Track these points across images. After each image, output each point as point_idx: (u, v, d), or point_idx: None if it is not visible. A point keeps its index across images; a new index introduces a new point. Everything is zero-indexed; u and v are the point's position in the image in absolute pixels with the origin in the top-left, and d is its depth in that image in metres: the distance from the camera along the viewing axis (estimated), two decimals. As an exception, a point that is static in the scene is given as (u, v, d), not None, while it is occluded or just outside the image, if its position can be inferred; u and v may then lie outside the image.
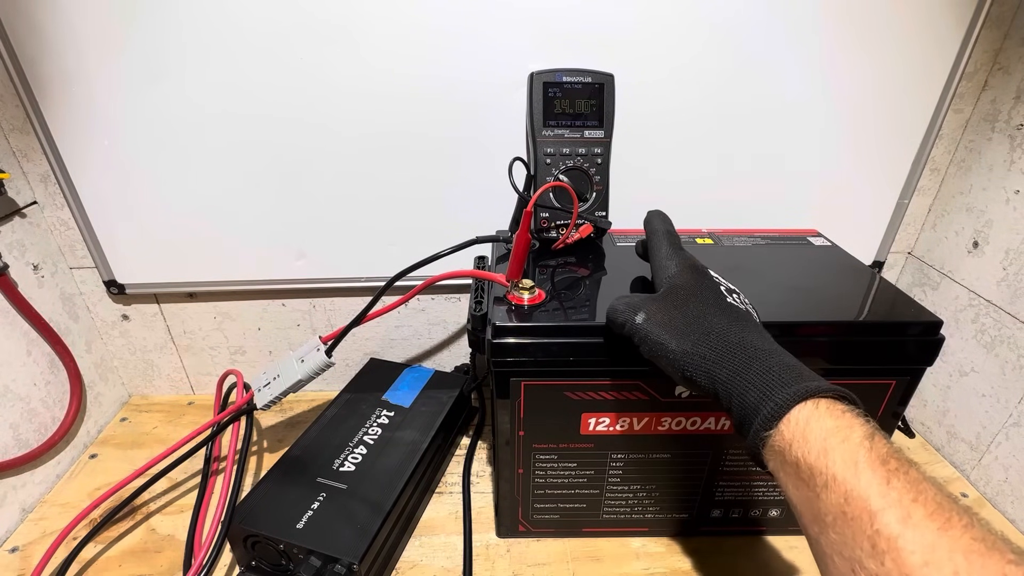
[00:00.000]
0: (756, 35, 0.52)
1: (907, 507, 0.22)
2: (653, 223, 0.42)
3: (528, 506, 0.49)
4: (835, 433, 0.25)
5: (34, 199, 0.58)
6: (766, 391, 0.28)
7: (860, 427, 0.25)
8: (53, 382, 0.59)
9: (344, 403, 0.59)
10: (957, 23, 0.52)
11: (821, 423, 0.26)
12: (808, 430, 0.26)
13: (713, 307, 0.33)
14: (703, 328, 0.32)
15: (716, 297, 0.34)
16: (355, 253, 0.62)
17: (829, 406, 0.26)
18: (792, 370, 0.28)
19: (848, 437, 0.25)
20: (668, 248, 0.38)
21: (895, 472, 0.23)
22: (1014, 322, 0.53)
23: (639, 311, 0.34)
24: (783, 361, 0.29)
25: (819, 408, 0.26)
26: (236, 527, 0.45)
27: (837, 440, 0.25)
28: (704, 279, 0.35)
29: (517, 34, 0.51)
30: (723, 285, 0.36)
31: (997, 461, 0.56)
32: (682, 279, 0.35)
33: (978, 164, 0.58)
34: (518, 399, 0.43)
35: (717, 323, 0.32)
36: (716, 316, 0.32)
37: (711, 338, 0.31)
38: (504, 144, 0.55)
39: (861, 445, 0.24)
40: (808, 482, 0.25)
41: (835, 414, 0.26)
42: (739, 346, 0.30)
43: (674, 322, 0.32)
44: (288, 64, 0.52)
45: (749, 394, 0.28)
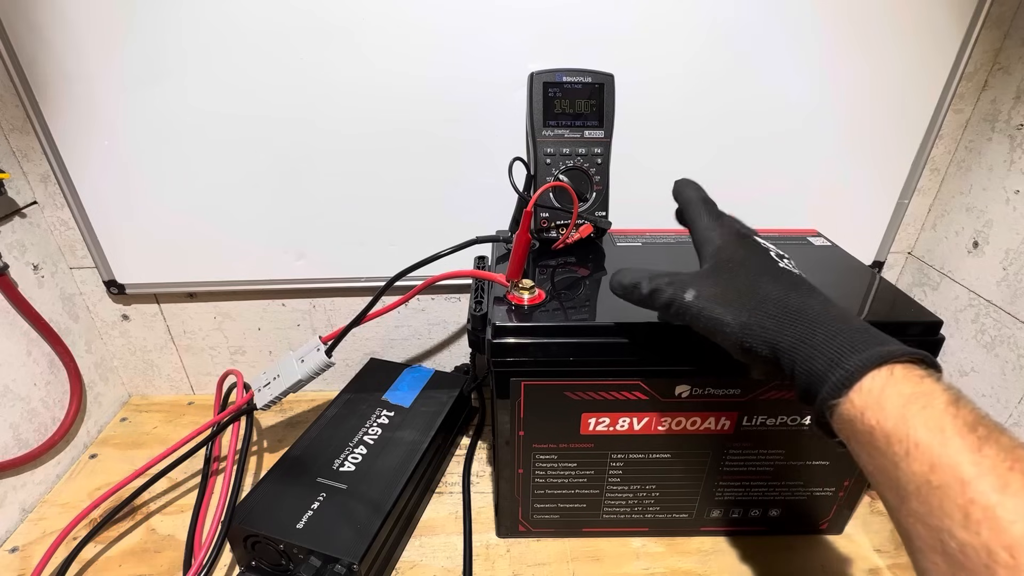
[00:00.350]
0: (756, 35, 0.52)
1: (1004, 475, 0.20)
2: (686, 192, 0.38)
3: (528, 506, 0.49)
4: (915, 400, 0.23)
5: (34, 199, 0.58)
6: (834, 357, 0.26)
7: (942, 392, 0.24)
8: (53, 382, 0.59)
9: (344, 403, 0.59)
10: (957, 23, 0.52)
11: (898, 389, 0.24)
12: (884, 397, 0.24)
13: (766, 274, 0.31)
14: (759, 296, 0.30)
15: (768, 263, 0.32)
16: (355, 253, 0.62)
17: (906, 371, 0.25)
18: (862, 333, 0.27)
19: (930, 403, 0.23)
20: (708, 218, 0.35)
21: (986, 439, 0.22)
22: (1014, 322, 0.53)
23: (688, 288, 0.32)
24: (852, 324, 0.27)
25: (894, 374, 0.25)
26: (236, 527, 0.45)
27: (918, 407, 0.23)
28: (753, 245, 0.33)
29: (517, 34, 0.51)
30: (772, 250, 0.33)
31: (997, 461, 0.56)
32: (729, 249, 0.33)
33: (978, 164, 0.58)
34: (518, 399, 0.43)
35: (773, 290, 0.30)
36: (771, 283, 0.30)
37: (768, 305, 0.29)
38: (504, 144, 0.55)
39: (946, 411, 0.23)
40: (885, 451, 0.24)
41: (913, 379, 0.24)
42: (800, 312, 0.28)
43: (727, 295, 0.31)
44: (288, 64, 0.52)
45: (816, 361, 0.27)
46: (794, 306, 0.29)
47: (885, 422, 0.24)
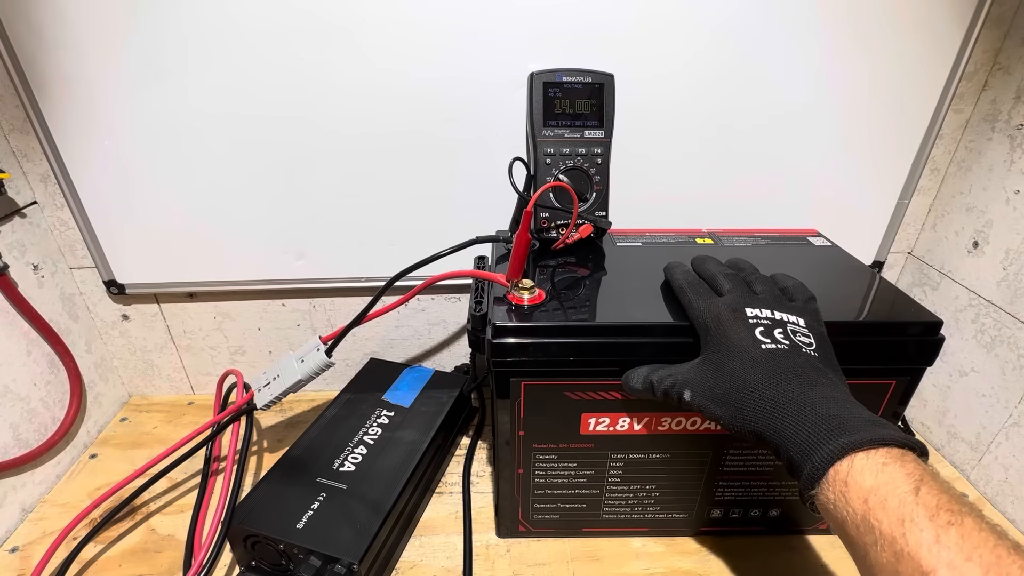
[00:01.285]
0: (756, 35, 0.52)
1: (960, 567, 0.21)
2: (675, 278, 0.41)
3: (528, 506, 0.49)
4: (876, 491, 0.25)
5: (34, 199, 0.58)
6: (803, 452, 0.28)
7: (904, 480, 0.25)
8: (53, 382, 0.59)
9: (344, 403, 0.59)
10: (957, 23, 0.52)
11: (861, 481, 0.25)
12: (848, 491, 0.26)
13: (748, 361, 0.33)
14: (741, 389, 0.32)
15: (751, 347, 0.33)
16: (355, 253, 0.62)
17: (866, 460, 0.26)
18: (827, 422, 0.28)
19: (892, 493, 0.24)
20: (698, 302, 0.37)
21: (945, 527, 0.23)
22: (1014, 322, 0.53)
23: (686, 388, 0.35)
24: (819, 412, 0.29)
25: (855, 465, 0.26)
26: (236, 527, 0.45)
27: (878, 499, 0.25)
28: (737, 329, 0.34)
29: (517, 34, 0.51)
30: (760, 325, 0.34)
31: (997, 461, 0.56)
32: (716, 336, 0.35)
33: (978, 164, 0.58)
34: (518, 399, 0.43)
35: (753, 379, 0.32)
36: (752, 371, 0.32)
37: (749, 398, 0.31)
38: (504, 144, 0.55)
39: (904, 501, 0.24)
40: (857, 540, 0.25)
41: (874, 470, 0.25)
42: (775, 402, 0.30)
43: (716, 390, 0.33)
44: (288, 64, 0.52)
45: (791, 452, 0.29)
46: (770, 397, 0.31)
47: (854, 515, 0.25)
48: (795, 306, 0.38)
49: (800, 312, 0.37)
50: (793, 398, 0.30)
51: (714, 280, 0.39)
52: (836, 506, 0.26)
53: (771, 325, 0.35)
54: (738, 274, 0.40)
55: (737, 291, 0.37)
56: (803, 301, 0.38)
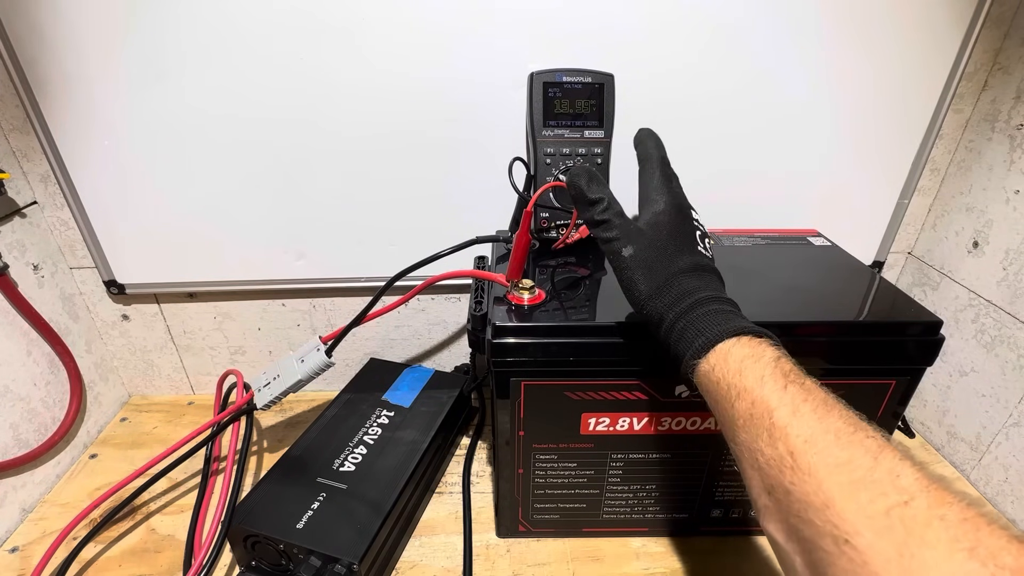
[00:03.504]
0: (756, 35, 0.52)
1: (797, 405, 0.28)
2: (647, 147, 0.41)
3: (528, 506, 0.49)
4: (748, 357, 0.31)
5: (34, 199, 0.58)
6: (700, 330, 0.33)
7: (769, 352, 0.31)
8: (53, 382, 0.59)
9: (344, 403, 0.59)
10: (957, 23, 0.52)
11: (740, 351, 0.31)
12: (729, 356, 0.32)
13: (685, 252, 0.36)
14: (669, 272, 0.36)
15: (690, 242, 0.37)
16: (355, 253, 0.62)
17: (749, 340, 0.32)
18: (723, 315, 0.34)
19: (759, 360, 0.30)
20: (660, 180, 0.39)
21: (792, 382, 0.29)
22: (1014, 322, 0.53)
23: (629, 243, 0.36)
24: (719, 308, 0.34)
25: (740, 341, 0.32)
26: (236, 527, 0.45)
27: (750, 362, 0.31)
28: (685, 222, 0.38)
29: (517, 34, 0.51)
30: (699, 230, 0.39)
31: (997, 461, 0.56)
32: (666, 217, 0.37)
33: (978, 164, 0.58)
34: (518, 399, 0.43)
35: (682, 267, 0.36)
36: (684, 261, 0.36)
37: (673, 285, 0.35)
38: (504, 144, 0.55)
39: (767, 365, 0.30)
40: (726, 395, 0.31)
41: (752, 344, 0.32)
42: (691, 294, 0.35)
43: (649, 263, 0.36)
44: (288, 65, 0.52)
45: (687, 331, 0.34)
46: (689, 288, 0.35)
47: (728, 375, 0.31)
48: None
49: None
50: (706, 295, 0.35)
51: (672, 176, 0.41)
52: (715, 368, 0.32)
53: (703, 234, 0.39)
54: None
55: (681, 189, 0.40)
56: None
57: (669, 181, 0.39)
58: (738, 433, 0.30)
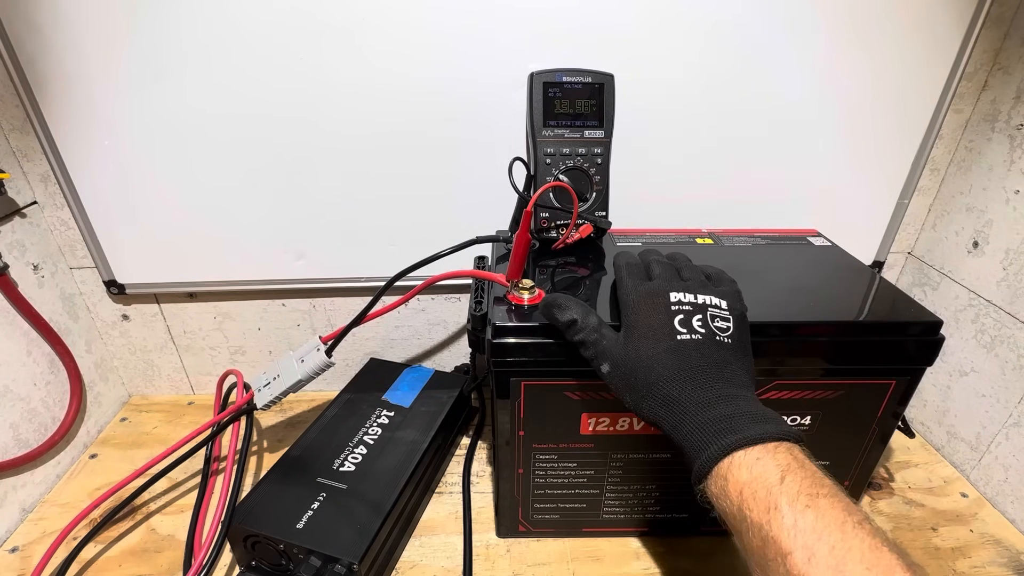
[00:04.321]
0: (756, 35, 0.52)
1: (812, 546, 0.25)
2: (617, 262, 0.42)
3: (528, 506, 0.49)
4: (749, 484, 0.28)
5: (34, 199, 0.58)
6: (694, 450, 0.31)
7: (772, 472, 0.28)
8: (53, 382, 0.59)
9: (344, 403, 0.59)
10: (957, 23, 0.52)
11: (738, 476, 0.29)
12: (727, 485, 0.29)
13: (661, 350, 0.34)
14: (651, 381, 0.34)
15: (666, 335, 0.35)
16: (355, 253, 0.62)
17: (744, 457, 0.29)
18: (716, 424, 0.31)
19: (760, 485, 0.28)
20: (628, 281, 0.38)
21: (803, 511, 0.26)
22: (1014, 322, 0.53)
23: (605, 360, 0.36)
24: (711, 415, 0.31)
25: (734, 462, 0.29)
26: (236, 527, 0.45)
27: (751, 491, 0.28)
28: (660, 311, 0.36)
29: (517, 34, 0.51)
30: (681, 312, 0.36)
31: (997, 461, 0.56)
32: (641, 315, 0.36)
33: (978, 164, 0.58)
34: (518, 399, 0.43)
35: (663, 372, 0.33)
36: (664, 363, 0.34)
37: (654, 391, 0.33)
38: (504, 144, 0.55)
39: (771, 491, 0.27)
40: (736, 527, 0.29)
41: (749, 464, 0.29)
42: (677, 401, 0.32)
43: (629, 376, 0.35)
44: (288, 64, 0.52)
45: (687, 449, 0.32)
46: (674, 394, 0.33)
47: (731, 507, 0.29)
48: (719, 290, 0.38)
49: (724, 295, 0.38)
50: (694, 398, 0.32)
51: (648, 266, 0.40)
52: (718, 499, 0.30)
53: (692, 311, 0.36)
54: (671, 263, 0.41)
55: (666, 274, 0.39)
56: (727, 284, 0.40)
57: (638, 278, 0.38)
58: (755, 571, 0.28)
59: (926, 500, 0.56)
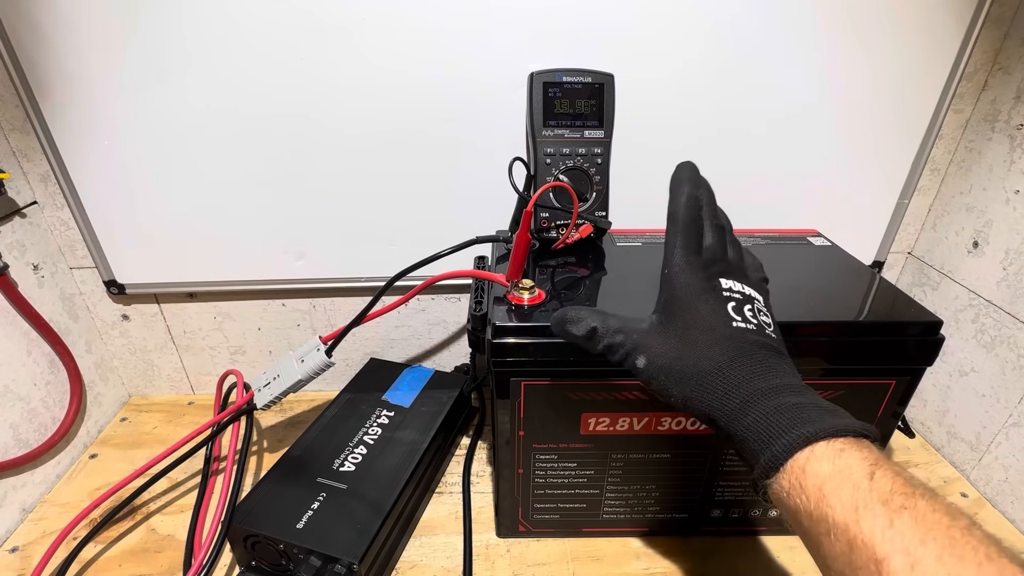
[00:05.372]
0: (756, 35, 0.52)
1: (914, 552, 0.21)
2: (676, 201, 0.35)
3: (528, 506, 0.49)
4: (832, 478, 0.24)
5: (34, 199, 0.58)
6: (763, 440, 0.27)
7: (859, 466, 0.24)
8: (53, 382, 0.59)
9: (344, 403, 0.59)
10: (957, 23, 0.52)
11: (817, 469, 0.25)
12: (804, 478, 0.25)
13: (716, 337, 0.31)
14: (703, 368, 0.30)
15: (721, 321, 0.31)
16: (355, 253, 0.62)
17: (826, 448, 0.26)
18: (788, 412, 0.27)
19: (846, 480, 0.24)
20: (682, 252, 0.33)
21: (899, 511, 0.22)
22: (1014, 322, 0.53)
23: (639, 353, 0.32)
24: (781, 403, 0.28)
25: (815, 453, 0.26)
26: (236, 527, 0.45)
27: (833, 485, 0.24)
28: (710, 297, 0.32)
29: (517, 34, 0.51)
30: (733, 299, 0.32)
31: (997, 461, 0.56)
32: (685, 300, 0.32)
33: (978, 164, 0.58)
34: (518, 399, 0.43)
35: (718, 358, 0.30)
36: (717, 349, 0.30)
37: (710, 379, 0.30)
38: (504, 144, 0.55)
39: (859, 487, 0.24)
40: (810, 530, 0.25)
41: (832, 456, 0.25)
42: (736, 388, 0.29)
43: (673, 365, 0.31)
44: (288, 64, 0.52)
45: (748, 441, 0.28)
46: (733, 380, 0.29)
47: (808, 503, 0.25)
48: (754, 282, 0.35)
49: (760, 290, 0.35)
50: (756, 385, 0.29)
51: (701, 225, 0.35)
52: (790, 495, 0.26)
53: (742, 300, 0.33)
54: (721, 226, 0.36)
55: (716, 249, 0.34)
56: (760, 279, 0.36)
57: (692, 251, 0.33)
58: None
59: (926, 500, 0.56)
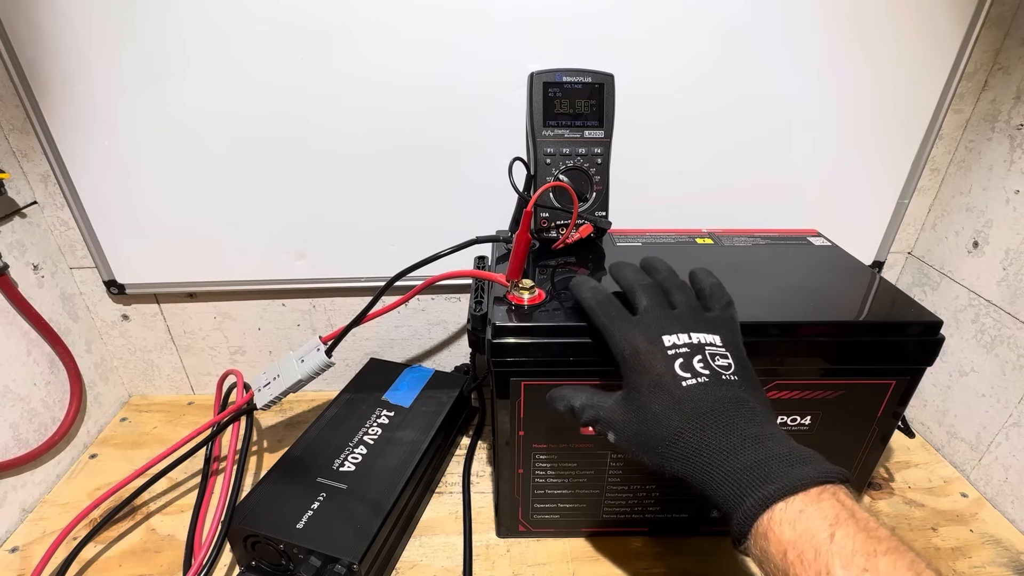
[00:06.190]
0: (756, 35, 0.52)
1: None
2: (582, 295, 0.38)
3: (528, 506, 0.49)
4: (794, 544, 0.25)
5: (34, 199, 0.58)
6: (730, 504, 0.28)
7: (819, 528, 0.25)
8: (53, 382, 0.59)
9: (344, 403, 0.59)
10: (957, 23, 0.52)
11: (780, 535, 0.26)
12: (769, 545, 0.26)
13: (671, 403, 0.32)
14: (664, 435, 0.31)
15: (672, 384, 0.32)
16: (355, 253, 0.62)
17: (786, 509, 0.26)
18: (749, 472, 0.28)
19: (808, 545, 0.25)
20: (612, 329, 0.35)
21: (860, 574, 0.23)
22: (1014, 322, 0.53)
23: (609, 430, 0.34)
24: (740, 460, 0.28)
25: (774, 516, 0.26)
26: (236, 527, 0.45)
27: (796, 553, 0.25)
28: (657, 362, 0.33)
29: (517, 34, 0.51)
30: (679, 356, 0.33)
31: (997, 461, 0.56)
32: (635, 371, 0.33)
33: (978, 164, 0.58)
34: (518, 399, 0.43)
35: (675, 424, 0.31)
36: (674, 414, 0.31)
37: (670, 446, 0.31)
38: (504, 144, 0.55)
39: (820, 551, 0.24)
40: None
41: (792, 520, 0.26)
42: (697, 450, 0.30)
43: (639, 437, 0.32)
44: (288, 64, 0.52)
45: (720, 504, 0.29)
46: (693, 444, 0.30)
47: (775, 570, 0.26)
48: (712, 317, 0.36)
49: (716, 326, 0.35)
50: (715, 445, 0.30)
51: (631, 293, 0.37)
52: (761, 561, 0.27)
53: (690, 353, 0.33)
54: (654, 282, 0.38)
55: (654, 311, 0.35)
56: (720, 308, 0.37)
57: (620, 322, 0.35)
58: None
59: (926, 500, 0.56)
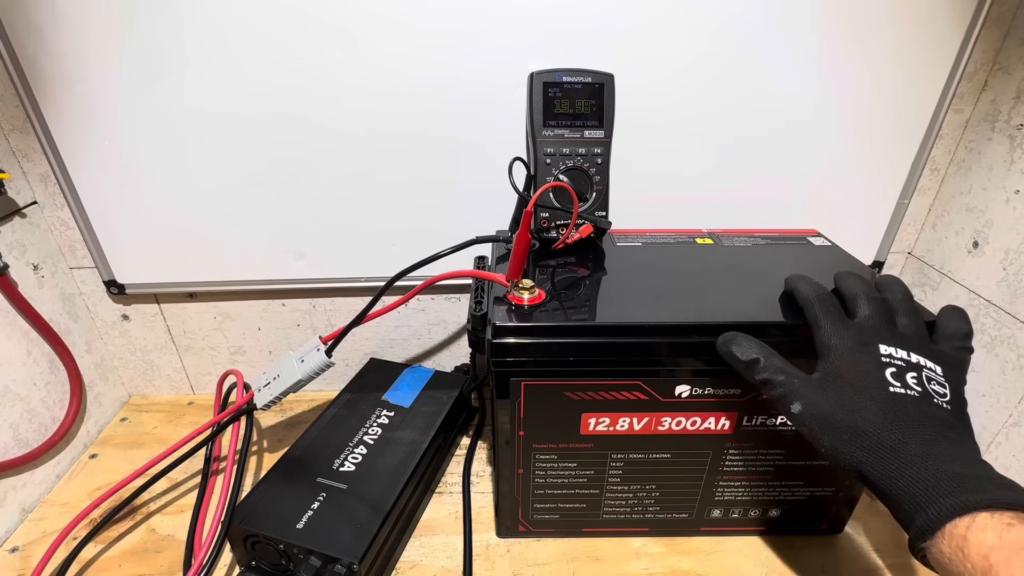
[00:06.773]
0: (756, 35, 0.52)
1: None
2: (801, 290, 0.37)
3: (528, 506, 0.49)
4: (999, 549, 0.24)
5: (34, 199, 0.58)
6: (917, 503, 0.27)
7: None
8: (53, 382, 0.59)
9: (344, 403, 0.59)
10: (957, 23, 0.52)
11: (982, 538, 0.25)
12: (967, 546, 0.25)
13: (872, 400, 0.31)
14: (857, 426, 0.30)
15: (878, 385, 0.31)
16: (355, 253, 0.62)
17: (990, 519, 0.25)
18: (950, 480, 0.27)
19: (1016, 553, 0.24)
20: (826, 323, 0.35)
21: None
22: (1014, 322, 0.53)
23: (796, 399, 0.33)
24: (941, 468, 0.28)
25: (976, 522, 0.25)
26: (236, 527, 0.45)
27: (1002, 556, 0.24)
28: (867, 362, 0.32)
29: (517, 34, 0.51)
30: (892, 366, 0.32)
31: (997, 461, 0.56)
32: (844, 363, 0.33)
33: (978, 164, 0.58)
34: (518, 399, 0.43)
35: (873, 419, 0.30)
36: (873, 410, 0.31)
37: (864, 439, 0.30)
38: (504, 144, 0.55)
39: None
40: None
41: (998, 528, 0.25)
42: (893, 450, 0.29)
43: (828, 417, 0.31)
44: (288, 64, 0.52)
45: (902, 502, 0.28)
46: (889, 443, 0.29)
47: (972, 571, 0.25)
48: (939, 350, 0.35)
49: (941, 359, 0.34)
50: (914, 449, 0.29)
51: (854, 300, 0.36)
52: (952, 561, 0.26)
53: (905, 367, 0.32)
54: (884, 299, 0.37)
55: (874, 320, 0.34)
56: (951, 348, 0.35)
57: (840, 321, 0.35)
58: None
59: (926, 500, 0.56)
